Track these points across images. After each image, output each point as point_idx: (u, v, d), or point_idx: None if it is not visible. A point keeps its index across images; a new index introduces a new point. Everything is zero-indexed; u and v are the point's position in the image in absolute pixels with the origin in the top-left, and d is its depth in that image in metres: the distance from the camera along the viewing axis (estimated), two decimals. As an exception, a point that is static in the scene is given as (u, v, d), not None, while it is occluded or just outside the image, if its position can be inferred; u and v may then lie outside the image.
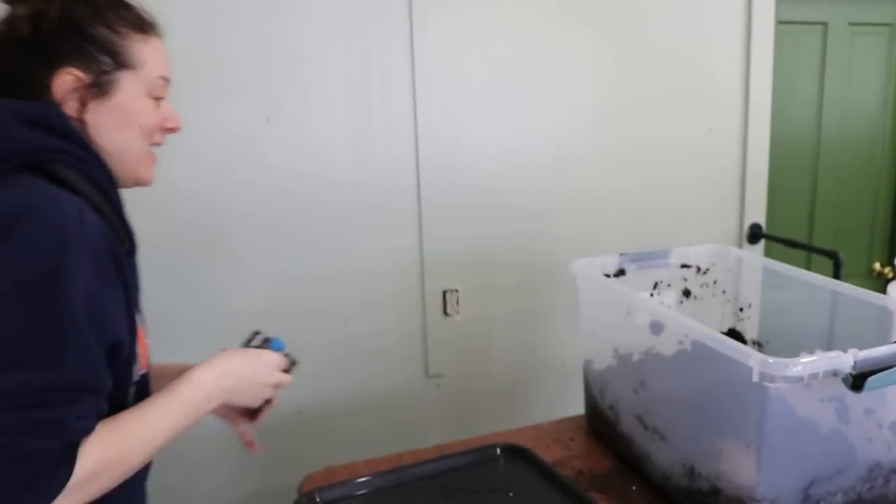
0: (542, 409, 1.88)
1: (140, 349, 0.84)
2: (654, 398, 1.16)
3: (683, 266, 1.44)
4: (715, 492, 1.02)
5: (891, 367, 0.88)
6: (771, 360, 0.87)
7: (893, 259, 2.52)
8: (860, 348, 0.89)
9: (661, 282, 1.42)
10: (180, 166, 1.59)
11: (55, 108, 0.78)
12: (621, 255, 1.37)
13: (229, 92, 1.62)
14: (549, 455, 1.28)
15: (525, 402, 2.04)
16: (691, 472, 1.07)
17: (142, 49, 0.83)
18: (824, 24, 2.28)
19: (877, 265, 2.52)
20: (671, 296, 1.43)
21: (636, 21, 1.96)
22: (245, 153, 1.66)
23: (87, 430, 0.71)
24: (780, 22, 2.12)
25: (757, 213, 2.20)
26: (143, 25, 0.84)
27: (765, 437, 0.92)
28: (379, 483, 1.17)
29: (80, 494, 0.70)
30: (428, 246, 1.83)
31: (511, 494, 1.13)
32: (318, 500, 1.12)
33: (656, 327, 1.12)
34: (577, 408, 1.41)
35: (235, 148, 1.65)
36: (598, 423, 1.34)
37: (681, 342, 1.06)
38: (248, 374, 0.88)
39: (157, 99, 0.86)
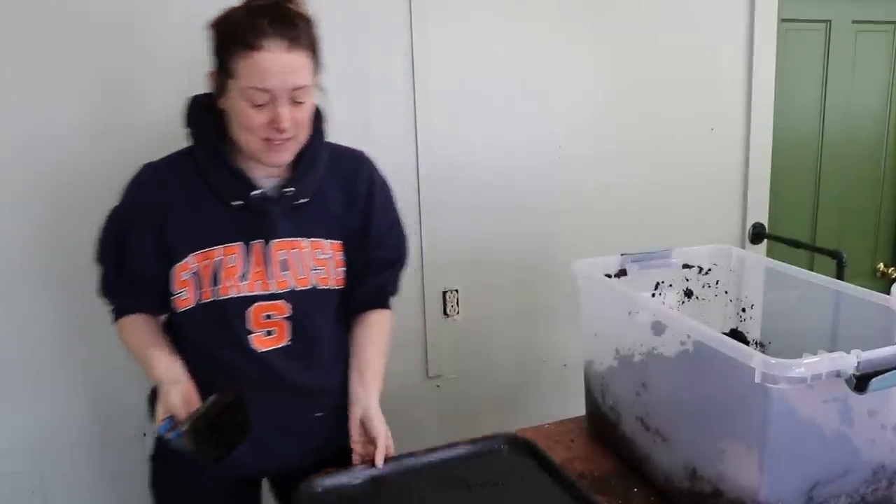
0: (543, 411, 1.87)
1: (176, 282, 1.13)
2: (656, 399, 1.15)
3: (685, 266, 1.43)
4: (717, 494, 1.01)
5: (894, 368, 0.87)
6: (773, 361, 0.86)
7: (897, 259, 2.51)
8: (864, 349, 0.88)
9: (663, 282, 1.41)
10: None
11: (193, 99, 1.15)
12: (623, 255, 1.36)
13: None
14: (549, 457, 1.27)
15: (525, 403, 2.03)
16: (693, 474, 1.06)
17: (239, 62, 1.03)
18: (828, 21, 2.27)
19: (881, 265, 2.51)
20: (673, 296, 1.43)
21: (638, 19, 1.95)
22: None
23: (116, 312, 1.22)
24: (783, 20, 2.10)
25: (759, 213, 2.19)
26: (248, 41, 1.02)
27: (767, 439, 0.91)
28: (380, 471, 1.16)
29: (122, 340, 1.21)
30: (428, 246, 1.83)
31: (511, 488, 1.12)
32: (318, 489, 1.13)
33: (658, 328, 1.11)
34: (578, 409, 1.40)
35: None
36: (600, 424, 1.33)
37: (683, 343, 1.06)
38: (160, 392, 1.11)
39: (259, 105, 1.04)
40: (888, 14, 2.33)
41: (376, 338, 1.28)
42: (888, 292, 1.15)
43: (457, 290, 1.89)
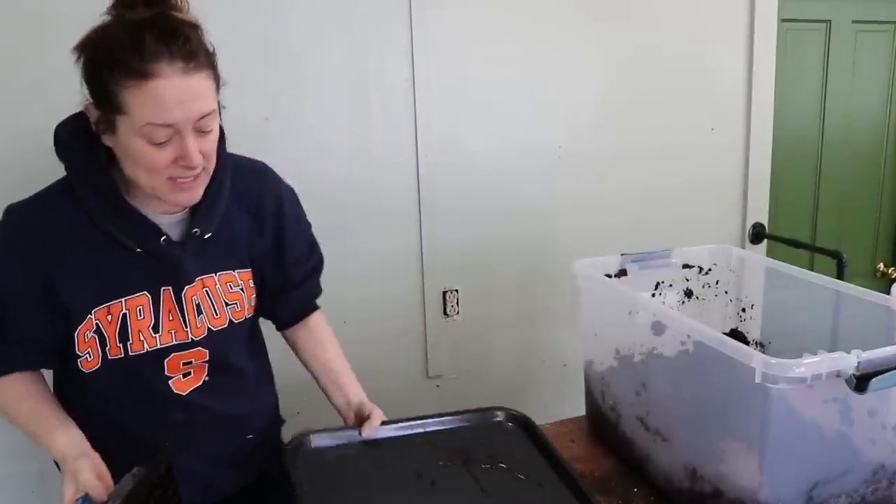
0: (543, 411, 1.86)
1: (80, 343, 1.00)
2: (656, 399, 1.15)
3: (685, 266, 1.43)
4: (717, 494, 1.01)
5: (894, 368, 0.87)
6: (774, 361, 0.86)
7: (897, 259, 2.51)
8: (864, 349, 0.88)
9: (663, 282, 1.41)
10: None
11: (62, 127, 0.98)
12: (623, 255, 1.36)
13: (227, 91, 1.61)
14: (549, 457, 1.27)
15: (525, 403, 2.01)
16: (693, 474, 1.06)
17: (128, 95, 0.86)
18: (828, 21, 2.27)
19: (881, 265, 2.50)
20: (673, 296, 1.42)
21: (638, 19, 1.95)
22: (243, 152, 1.64)
23: None
24: (783, 20, 2.10)
25: (760, 213, 2.18)
26: (135, 68, 0.85)
27: (767, 439, 0.91)
28: (375, 436, 1.16)
29: None
30: (428, 246, 1.83)
31: (505, 467, 1.11)
32: (312, 444, 1.12)
33: (658, 328, 1.11)
34: (578, 409, 1.40)
35: (233, 147, 1.63)
36: (600, 424, 1.33)
37: (683, 343, 1.06)
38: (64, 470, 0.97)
39: (161, 143, 0.89)
40: (888, 14, 2.32)
41: (328, 343, 1.25)
42: (888, 292, 1.15)
43: (457, 291, 1.89)
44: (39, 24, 1.47)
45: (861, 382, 0.86)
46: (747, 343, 1.39)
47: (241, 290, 1.11)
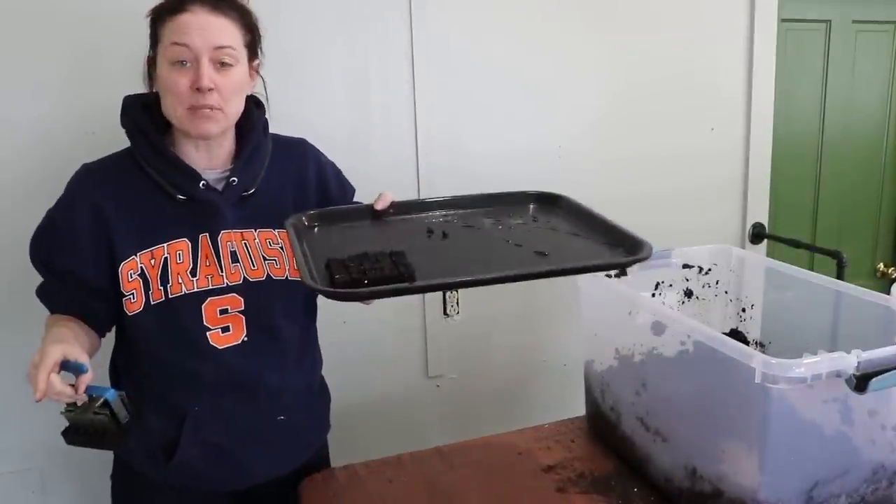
0: (543, 411, 1.86)
1: (125, 282, 1.09)
2: (656, 399, 1.15)
3: (685, 266, 1.43)
4: (717, 494, 1.01)
5: (894, 368, 0.87)
6: (774, 362, 0.86)
7: (897, 259, 2.51)
8: (864, 349, 0.88)
9: (663, 282, 1.41)
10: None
11: (126, 98, 1.15)
12: (622, 254, 1.36)
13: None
14: (549, 457, 1.27)
15: (525, 403, 2.02)
16: (693, 474, 1.06)
17: (166, 27, 1.06)
18: (828, 21, 2.26)
19: (881, 265, 2.50)
20: (673, 296, 1.43)
21: (638, 19, 1.95)
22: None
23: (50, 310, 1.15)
24: (783, 20, 2.10)
25: (760, 213, 2.18)
26: (173, 8, 1.05)
27: (767, 439, 0.91)
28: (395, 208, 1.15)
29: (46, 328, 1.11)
30: (428, 246, 1.82)
31: (535, 226, 1.10)
32: (316, 224, 1.12)
33: (658, 328, 1.11)
34: (578, 409, 1.40)
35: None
36: (600, 424, 1.33)
37: (683, 343, 1.06)
38: (35, 356, 0.99)
39: (182, 65, 1.04)
40: (888, 14, 2.32)
41: None
42: (888, 292, 1.15)
43: (457, 291, 1.89)
44: (39, 24, 1.47)
45: (861, 382, 0.86)
46: (747, 343, 1.39)
47: (281, 248, 1.17)
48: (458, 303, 1.89)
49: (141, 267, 1.09)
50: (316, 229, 1.11)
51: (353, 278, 0.89)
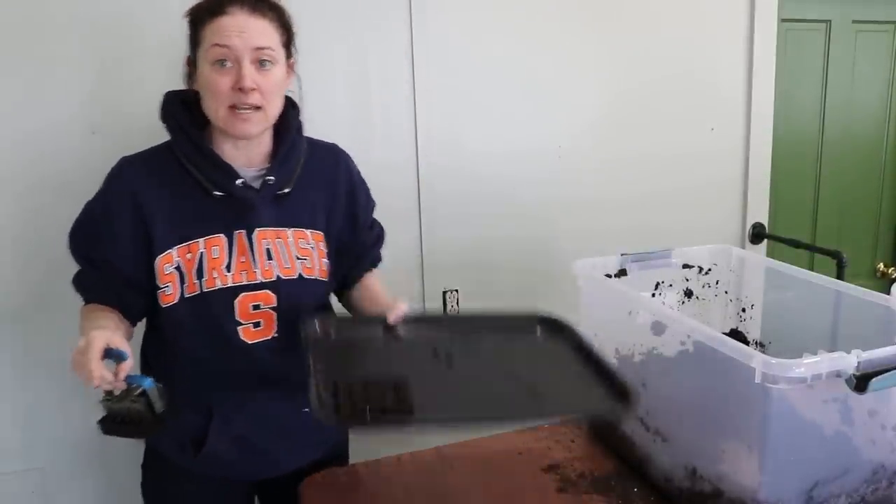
0: (544, 410, 1.87)
1: (161, 275, 1.12)
2: (656, 399, 1.15)
3: (685, 266, 1.43)
4: (717, 494, 1.01)
5: (894, 368, 0.87)
6: (774, 362, 0.86)
7: (897, 259, 2.51)
8: (864, 349, 0.88)
9: (663, 282, 1.41)
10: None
11: (168, 94, 1.17)
12: (623, 255, 1.36)
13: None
14: (549, 457, 1.27)
15: (526, 402, 2.02)
16: (693, 474, 1.06)
17: (207, 29, 1.08)
18: (828, 21, 2.26)
19: (881, 265, 2.50)
20: (673, 296, 1.43)
21: (638, 19, 1.95)
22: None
23: (85, 300, 1.17)
24: (783, 20, 2.10)
25: (760, 213, 2.18)
26: (213, 10, 1.08)
27: (767, 439, 0.91)
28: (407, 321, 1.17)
29: (81, 318, 1.15)
30: (428, 246, 1.82)
31: (538, 357, 1.12)
32: (335, 327, 1.15)
33: (658, 328, 1.11)
34: (578, 409, 1.40)
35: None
36: (600, 424, 1.33)
37: (683, 343, 1.06)
38: (79, 344, 0.98)
39: (223, 65, 1.07)
40: (888, 14, 2.32)
41: (374, 282, 1.33)
42: (888, 292, 1.15)
43: (457, 291, 1.89)
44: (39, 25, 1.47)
45: (861, 382, 0.86)
46: (747, 343, 1.39)
47: (312, 248, 1.20)
48: (458, 303, 1.89)
49: (177, 260, 1.12)
50: (331, 336, 1.14)
51: (355, 409, 0.95)
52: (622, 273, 1.36)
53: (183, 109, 1.15)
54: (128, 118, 1.55)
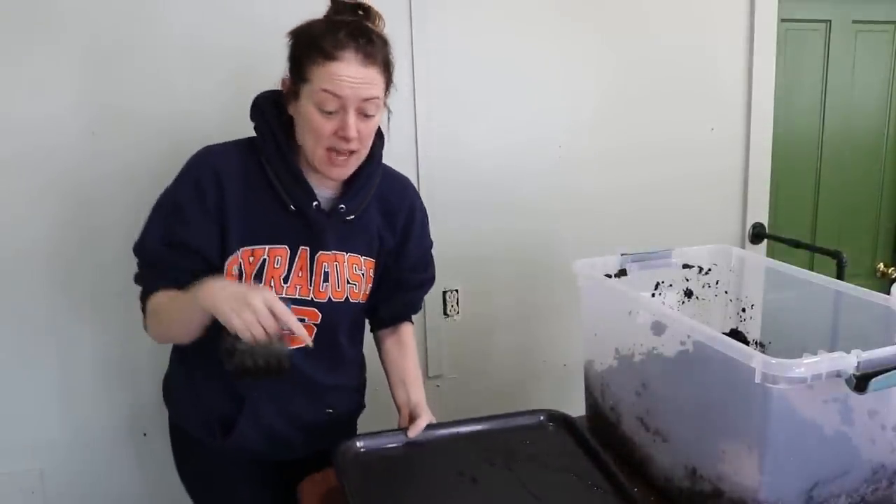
0: (544, 410, 1.87)
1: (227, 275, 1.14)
2: (656, 399, 1.15)
3: (685, 266, 1.43)
4: (717, 494, 1.01)
5: (894, 368, 0.87)
6: (774, 361, 0.86)
7: (897, 259, 2.51)
8: (864, 349, 0.88)
9: (663, 282, 1.41)
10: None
11: (261, 95, 1.18)
12: (622, 255, 1.36)
13: (227, 90, 1.62)
14: (549, 457, 1.27)
15: (526, 402, 2.00)
16: (693, 474, 1.06)
17: (316, 69, 1.06)
18: (828, 21, 2.26)
19: (881, 265, 2.50)
20: (673, 296, 1.43)
21: (638, 19, 1.95)
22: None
23: (148, 290, 1.16)
24: (782, 20, 2.10)
25: (760, 213, 2.18)
26: (326, 51, 1.06)
27: (767, 439, 0.91)
28: (420, 437, 1.20)
29: (152, 322, 1.16)
30: (428, 245, 1.82)
31: (550, 465, 1.14)
32: (361, 448, 1.17)
33: (658, 328, 1.11)
34: (578, 409, 1.40)
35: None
36: (600, 424, 1.33)
37: (683, 343, 1.06)
38: (237, 289, 1.02)
39: (329, 112, 1.07)
40: (888, 14, 2.32)
41: (409, 353, 1.37)
42: (888, 292, 1.15)
43: (457, 290, 1.89)
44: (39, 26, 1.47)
45: (861, 382, 0.86)
46: (747, 343, 1.39)
47: (363, 274, 1.24)
48: (458, 303, 1.90)
49: (240, 262, 1.14)
50: (359, 454, 1.17)
51: None
52: (622, 273, 1.36)
53: (276, 114, 1.15)
54: (128, 118, 1.55)
